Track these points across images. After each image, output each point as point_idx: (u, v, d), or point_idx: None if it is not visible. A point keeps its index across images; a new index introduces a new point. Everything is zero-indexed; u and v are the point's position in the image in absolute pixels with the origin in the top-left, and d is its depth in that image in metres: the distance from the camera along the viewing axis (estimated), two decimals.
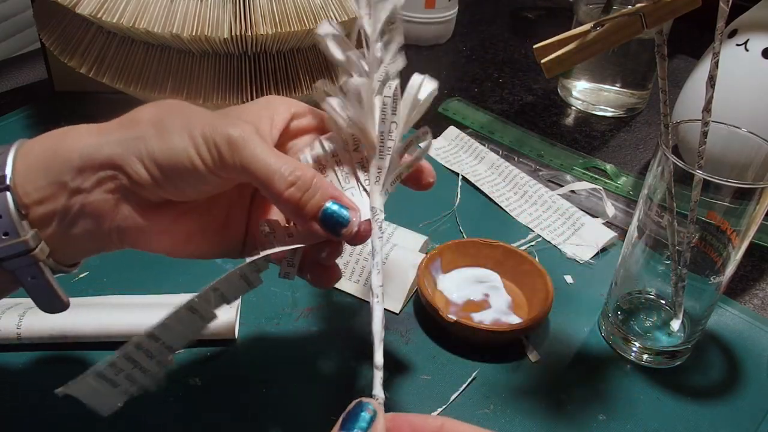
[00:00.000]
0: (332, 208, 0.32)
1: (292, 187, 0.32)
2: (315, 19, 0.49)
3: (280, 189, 0.32)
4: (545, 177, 0.63)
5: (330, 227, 0.32)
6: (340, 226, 0.32)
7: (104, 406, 0.32)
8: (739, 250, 0.41)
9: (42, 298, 0.33)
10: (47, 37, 0.55)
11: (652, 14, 0.37)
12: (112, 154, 0.31)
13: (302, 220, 0.32)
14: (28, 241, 0.31)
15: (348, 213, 0.32)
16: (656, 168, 0.40)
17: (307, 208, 0.32)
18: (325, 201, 0.32)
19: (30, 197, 0.31)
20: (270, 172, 0.31)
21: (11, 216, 0.30)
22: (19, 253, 0.31)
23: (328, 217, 0.32)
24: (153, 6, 0.48)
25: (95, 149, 0.31)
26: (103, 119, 0.34)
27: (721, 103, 0.43)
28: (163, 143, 0.31)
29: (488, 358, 0.45)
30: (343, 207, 0.32)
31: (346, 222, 0.32)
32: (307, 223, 0.32)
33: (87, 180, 0.31)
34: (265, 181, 0.32)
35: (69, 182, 0.31)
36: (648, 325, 0.47)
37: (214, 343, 0.44)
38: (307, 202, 0.32)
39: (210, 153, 0.31)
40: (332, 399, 0.42)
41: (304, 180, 0.32)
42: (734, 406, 0.44)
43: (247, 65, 0.51)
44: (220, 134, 0.31)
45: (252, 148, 0.31)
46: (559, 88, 0.77)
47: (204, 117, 0.32)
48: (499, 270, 0.50)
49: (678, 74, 0.75)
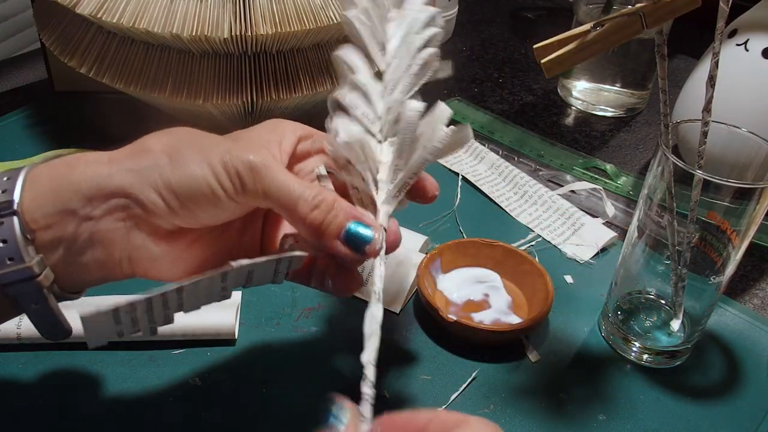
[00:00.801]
0: (354, 228, 0.33)
1: (315, 210, 0.32)
2: (315, 19, 0.49)
3: (304, 213, 0.32)
4: (545, 177, 0.63)
5: (353, 246, 0.33)
6: (363, 243, 0.33)
7: (96, 338, 0.32)
8: (739, 250, 0.41)
9: (44, 325, 0.33)
10: (47, 37, 0.55)
11: (652, 14, 0.37)
12: (123, 183, 0.31)
13: (326, 241, 0.33)
14: (32, 267, 0.30)
15: (370, 231, 0.33)
16: (656, 168, 0.40)
17: (330, 229, 0.33)
18: (347, 221, 0.33)
19: (37, 223, 0.31)
20: (293, 198, 0.32)
21: (17, 241, 0.30)
22: (23, 278, 0.30)
23: (351, 237, 0.33)
24: (153, 6, 0.48)
25: (105, 178, 0.31)
26: (103, 119, 0.34)
27: (721, 103, 0.43)
28: (180, 172, 0.31)
29: (488, 358, 0.45)
30: (365, 225, 0.33)
31: (369, 240, 0.33)
32: (330, 243, 0.33)
33: (96, 208, 0.31)
34: (289, 206, 0.32)
35: (78, 210, 0.31)
36: (648, 325, 0.47)
37: (214, 343, 0.44)
38: (330, 224, 0.32)
39: (231, 180, 0.32)
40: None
41: (326, 203, 0.32)
42: (734, 406, 0.44)
43: (247, 65, 0.51)
44: (241, 161, 0.31)
45: (273, 174, 0.32)
46: (559, 88, 0.77)
47: (219, 144, 0.32)
48: (499, 270, 0.50)
49: (678, 74, 0.75)
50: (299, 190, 0.32)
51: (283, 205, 0.32)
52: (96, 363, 0.43)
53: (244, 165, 0.32)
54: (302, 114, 0.59)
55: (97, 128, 0.62)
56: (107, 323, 0.31)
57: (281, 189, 0.32)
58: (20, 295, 0.31)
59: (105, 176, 0.31)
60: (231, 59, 0.51)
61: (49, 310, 0.32)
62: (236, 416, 0.40)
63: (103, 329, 0.31)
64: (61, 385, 0.41)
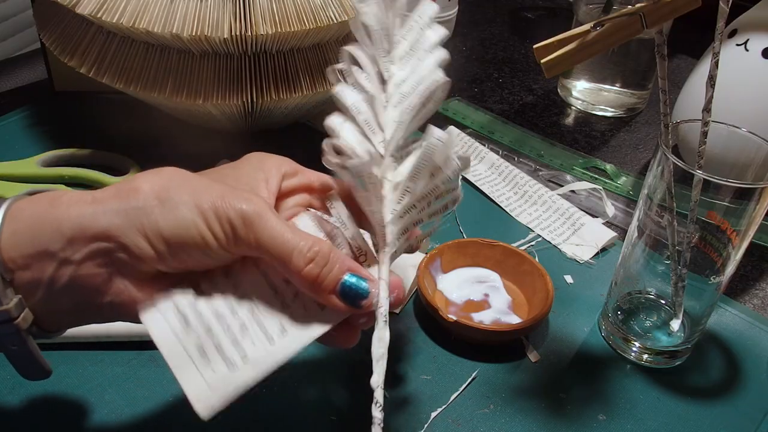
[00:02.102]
0: (350, 281, 0.32)
1: (311, 264, 0.31)
2: (315, 19, 0.49)
3: (299, 266, 0.31)
4: (545, 177, 0.63)
5: (349, 300, 0.32)
6: (360, 298, 0.32)
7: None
8: (739, 250, 0.41)
9: (23, 367, 0.32)
10: (47, 37, 0.55)
11: (652, 14, 0.37)
12: (109, 225, 0.29)
13: (320, 295, 0.32)
14: (10, 310, 0.29)
15: (367, 284, 0.32)
16: (656, 168, 0.40)
17: (326, 283, 0.31)
18: (342, 274, 0.32)
19: (15, 263, 0.29)
20: (288, 250, 0.31)
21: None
22: (0, 321, 0.29)
23: (346, 290, 0.32)
24: (153, 6, 0.48)
25: (89, 219, 0.29)
26: (103, 119, 0.34)
27: (721, 103, 0.43)
28: (170, 216, 0.30)
29: (488, 358, 0.45)
30: (362, 279, 0.32)
31: (365, 294, 0.32)
32: (325, 297, 0.32)
33: (77, 251, 0.30)
34: (283, 258, 0.31)
35: (58, 252, 0.29)
36: (648, 325, 0.47)
37: None
38: (325, 278, 0.31)
39: (223, 229, 0.30)
40: (332, 399, 0.42)
41: (322, 255, 0.31)
42: (734, 406, 0.44)
43: (247, 65, 0.51)
44: (234, 209, 0.30)
45: (267, 225, 0.31)
46: (559, 88, 0.77)
47: (210, 188, 0.31)
48: (499, 270, 0.50)
49: (678, 74, 0.75)
50: (293, 241, 0.31)
51: (277, 256, 0.31)
52: (96, 363, 0.43)
53: (237, 213, 0.30)
54: (302, 114, 0.59)
55: (97, 128, 0.62)
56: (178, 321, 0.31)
57: (275, 240, 0.31)
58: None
59: (88, 217, 0.29)
60: (231, 59, 0.51)
61: (28, 352, 0.31)
62: (236, 416, 0.40)
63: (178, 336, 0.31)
64: (61, 385, 0.41)
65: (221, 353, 0.31)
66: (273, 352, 0.32)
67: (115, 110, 0.64)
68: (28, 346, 0.31)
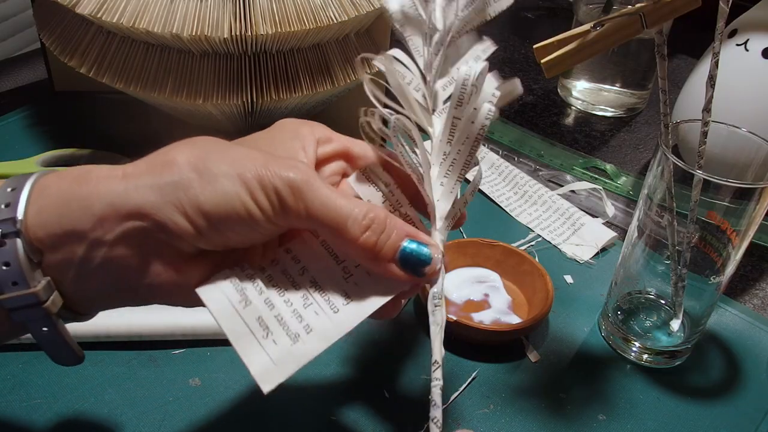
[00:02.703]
0: (410, 247, 0.30)
1: (367, 231, 0.29)
2: (315, 19, 0.49)
3: (355, 235, 0.29)
4: (545, 177, 0.63)
5: (410, 267, 0.30)
6: (422, 264, 0.30)
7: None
8: (739, 250, 0.41)
9: (54, 351, 0.30)
10: (47, 37, 0.55)
11: (652, 14, 0.37)
12: (143, 202, 0.27)
13: (380, 264, 0.30)
14: (38, 293, 0.28)
15: (428, 250, 0.30)
16: (656, 168, 0.40)
17: (385, 250, 0.29)
18: (401, 240, 0.30)
19: (43, 243, 0.28)
20: (342, 218, 0.29)
21: (20, 264, 0.27)
22: (28, 304, 0.28)
23: (407, 257, 0.30)
24: (153, 6, 0.48)
25: (121, 196, 0.27)
26: (103, 119, 0.33)
27: (721, 103, 0.43)
28: (210, 189, 0.27)
29: (488, 358, 0.45)
30: (422, 244, 0.30)
31: (427, 260, 0.30)
32: (385, 266, 0.30)
33: (110, 231, 0.28)
34: (337, 227, 0.29)
35: (88, 232, 0.28)
36: (648, 325, 0.47)
37: (214, 343, 0.44)
38: (383, 245, 0.29)
39: (269, 200, 0.28)
40: (332, 399, 0.42)
41: (379, 222, 0.29)
42: (734, 406, 0.44)
43: (247, 65, 0.51)
44: (280, 178, 0.28)
45: (318, 192, 0.28)
46: (559, 88, 0.77)
47: (252, 157, 0.29)
48: (499, 270, 0.50)
49: (678, 74, 0.75)
50: (347, 208, 0.29)
51: (331, 226, 0.29)
52: (96, 363, 0.43)
53: (284, 182, 0.28)
54: (302, 114, 0.59)
55: (97, 128, 0.62)
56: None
57: (328, 208, 0.28)
58: (27, 321, 0.29)
59: (120, 194, 0.27)
60: (231, 59, 0.51)
61: (58, 335, 0.29)
62: (236, 416, 0.40)
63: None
64: (61, 385, 0.41)
65: (284, 326, 0.30)
66: (338, 323, 0.30)
67: (115, 110, 0.64)
68: (58, 330, 0.29)
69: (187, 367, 0.43)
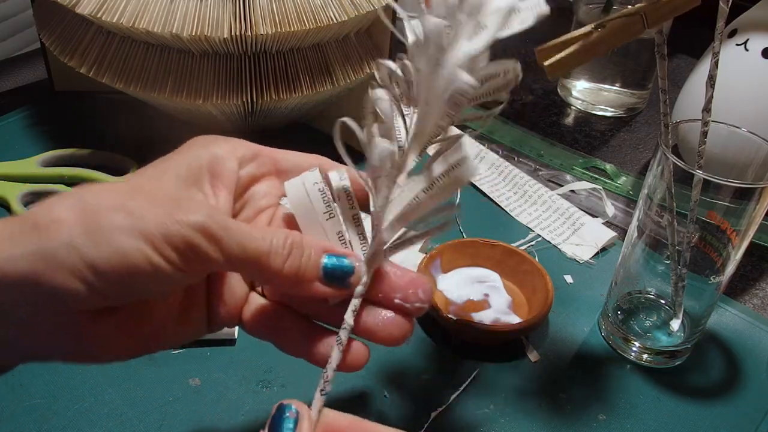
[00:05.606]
0: (331, 262, 0.29)
1: (289, 259, 0.28)
2: (315, 19, 0.49)
3: (279, 267, 0.28)
4: (545, 177, 0.63)
5: (336, 281, 0.29)
6: (346, 276, 0.29)
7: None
8: (739, 249, 0.41)
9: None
10: (47, 37, 0.55)
11: (652, 14, 0.37)
12: (29, 270, 0.24)
13: (304, 287, 0.29)
14: None
15: (349, 261, 0.29)
16: (656, 168, 0.40)
17: (308, 272, 0.28)
18: (320, 257, 0.29)
19: None
20: (263, 254, 0.27)
21: None
22: None
23: (330, 273, 0.29)
24: (153, 6, 0.48)
25: (6, 262, 0.24)
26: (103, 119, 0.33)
27: (721, 103, 0.43)
28: (105, 248, 0.25)
29: (488, 358, 0.45)
30: (341, 256, 0.29)
31: (350, 270, 0.29)
32: (309, 288, 0.29)
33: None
34: (259, 264, 0.27)
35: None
36: (648, 325, 0.47)
37: (214, 343, 0.44)
38: (306, 267, 0.28)
39: (177, 251, 0.26)
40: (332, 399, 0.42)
41: (297, 245, 0.28)
42: (734, 406, 0.44)
43: (247, 65, 0.51)
44: (189, 226, 0.26)
45: (233, 233, 0.26)
46: (559, 88, 0.77)
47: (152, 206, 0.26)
48: (498, 270, 0.50)
49: (678, 74, 0.75)
50: (266, 242, 0.27)
51: (252, 263, 0.27)
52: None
53: (194, 230, 0.26)
54: (302, 114, 0.59)
55: (97, 128, 0.62)
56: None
57: (246, 249, 0.27)
58: None
59: (5, 260, 0.24)
60: (231, 59, 0.51)
61: None
62: (236, 416, 0.40)
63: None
64: (61, 385, 0.41)
65: None
66: None
67: (115, 110, 0.64)
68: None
69: (187, 367, 0.43)
